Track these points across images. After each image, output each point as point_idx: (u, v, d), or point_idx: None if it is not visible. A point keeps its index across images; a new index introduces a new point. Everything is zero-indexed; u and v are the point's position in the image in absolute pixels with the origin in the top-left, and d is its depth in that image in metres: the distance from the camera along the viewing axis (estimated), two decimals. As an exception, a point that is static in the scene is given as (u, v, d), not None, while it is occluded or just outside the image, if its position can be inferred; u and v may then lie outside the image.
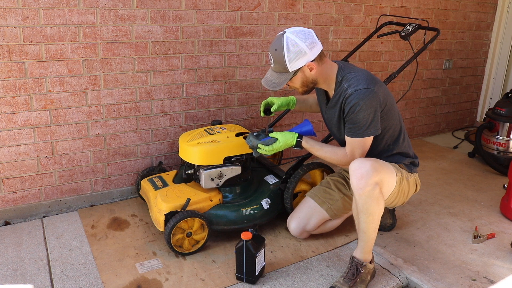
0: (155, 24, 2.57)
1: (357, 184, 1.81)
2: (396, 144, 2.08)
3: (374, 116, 1.89)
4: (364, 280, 1.93)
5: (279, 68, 1.89)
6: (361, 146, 1.94)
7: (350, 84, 1.89)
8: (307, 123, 2.12)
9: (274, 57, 1.88)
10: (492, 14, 4.38)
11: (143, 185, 2.45)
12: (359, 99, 1.85)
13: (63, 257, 2.13)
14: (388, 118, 1.98)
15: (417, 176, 2.19)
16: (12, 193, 2.44)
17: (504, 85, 4.57)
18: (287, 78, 1.88)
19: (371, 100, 1.85)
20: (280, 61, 1.86)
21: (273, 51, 1.88)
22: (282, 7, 3.01)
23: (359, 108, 1.85)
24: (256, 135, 2.05)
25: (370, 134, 1.92)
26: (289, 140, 2.01)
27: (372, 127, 1.90)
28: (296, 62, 1.85)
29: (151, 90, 2.68)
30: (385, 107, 1.94)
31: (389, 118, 1.99)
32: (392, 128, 2.03)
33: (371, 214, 1.85)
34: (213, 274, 2.03)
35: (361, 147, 1.95)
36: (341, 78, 1.94)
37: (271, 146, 2.00)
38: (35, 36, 2.27)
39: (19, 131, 2.37)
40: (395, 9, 3.60)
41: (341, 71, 1.96)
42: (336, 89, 1.97)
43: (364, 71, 1.97)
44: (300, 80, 1.94)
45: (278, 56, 1.86)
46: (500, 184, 3.19)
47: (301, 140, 2.02)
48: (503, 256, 2.27)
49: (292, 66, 1.86)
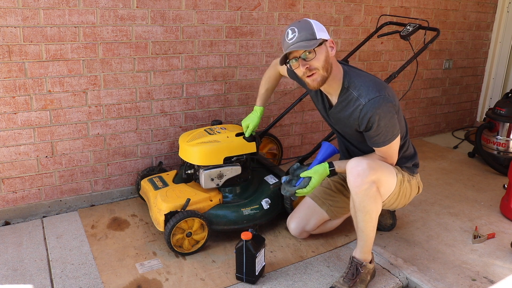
0: (155, 24, 2.57)
1: (353, 182, 1.81)
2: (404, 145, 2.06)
3: (393, 119, 1.85)
4: (364, 280, 1.93)
5: (306, 35, 1.75)
6: (392, 148, 1.92)
7: (360, 93, 1.83)
8: (327, 145, 2.02)
9: (300, 26, 1.77)
10: (492, 14, 4.38)
11: (143, 185, 2.45)
12: (375, 109, 1.79)
13: (63, 257, 2.13)
14: (399, 120, 1.94)
15: (419, 178, 2.18)
16: (12, 193, 2.44)
17: (504, 85, 4.57)
18: (315, 43, 1.75)
19: (387, 106, 1.81)
20: (307, 27, 1.76)
21: (296, 23, 1.79)
22: (282, 7, 3.01)
23: (378, 117, 1.80)
24: (288, 181, 1.95)
25: (395, 136, 1.89)
26: (323, 174, 1.93)
27: (395, 129, 1.87)
28: (321, 32, 1.78)
29: (151, 90, 2.68)
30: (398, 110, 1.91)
31: (400, 120, 1.96)
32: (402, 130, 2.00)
33: (368, 212, 1.85)
34: (213, 274, 2.03)
35: (392, 148, 1.92)
36: (348, 84, 1.87)
37: (309, 187, 1.91)
38: (35, 36, 2.27)
39: (19, 131, 2.37)
40: (395, 9, 3.60)
41: (347, 76, 1.88)
42: (342, 95, 1.90)
43: (368, 75, 1.92)
44: (324, 56, 1.78)
45: (304, 25, 1.77)
46: (500, 184, 3.19)
47: (334, 168, 1.94)
48: (503, 256, 2.27)
49: (319, 34, 1.77)
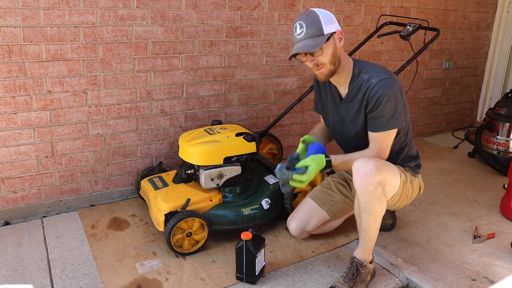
0: (155, 24, 2.57)
1: (360, 182, 1.80)
2: (408, 142, 2.07)
3: (400, 106, 1.87)
4: (364, 280, 1.93)
5: (313, 31, 1.78)
6: (389, 139, 1.92)
7: (371, 75, 1.86)
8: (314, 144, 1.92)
9: (307, 21, 1.79)
10: (492, 14, 4.38)
11: (143, 185, 2.45)
12: (385, 89, 1.82)
13: (63, 257, 2.13)
14: (404, 113, 1.96)
15: (421, 179, 2.18)
16: (12, 193, 2.44)
17: (504, 85, 4.57)
18: (322, 41, 1.78)
19: (396, 89, 1.84)
20: (315, 23, 1.78)
21: (304, 17, 1.81)
22: (282, 7, 3.01)
23: (387, 98, 1.82)
24: (287, 166, 1.79)
25: (396, 125, 1.89)
26: (320, 163, 1.79)
27: (399, 118, 1.88)
28: (329, 25, 1.79)
29: (151, 90, 2.68)
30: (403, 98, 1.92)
31: (405, 114, 1.97)
32: (406, 124, 2.01)
33: (373, 213, 1.85)
34: (213, 274, 2.03)
35: (389, 139, 1.92)
36: (358, 71, 1.91)
37: (306, 175, 1.75)
38: (35, 36, 2.27)
39: (19, 131, 2.37)
40: (395, 9, 3.60)
41: (357, 65, 1.93)
42: (353, 83, 1.93)
43: (378, 64, 1.96)
44: (332, 50, 1.81)
45: (312, 19, 1.79)
46: (500, 184, 3.19)
47: (330, 159, 1.84)
48: (503, 256, 2.27)
49: (327, 29, 1.78)
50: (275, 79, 3.14)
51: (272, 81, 3.13)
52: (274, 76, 3.13)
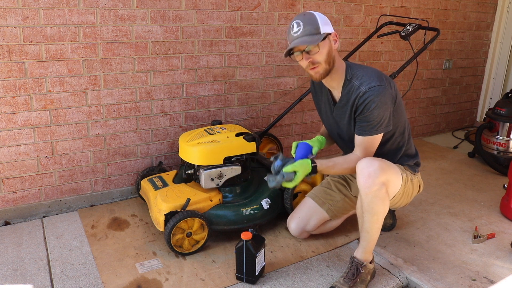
0: (155, 24, 2.57)
1: (364, 183, 1.80)
2: (405, 141, 2.07)
3: (388, 113, 1.88)
4: (364, 280, 1.93)
5: (310, 29, 1.80)
6: (373, 143, 1.93)
7: (362, 82, 1.87)
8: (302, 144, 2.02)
9: (304, 20, 1.81)
10: (492, 14, 4.38)
11: (143, 185, 2.45)
12: (374, 96, 1.83)
13: (63, 257, 2.13)
14: (398, 115, 1.97)
15: (420, 177, 2.19)
16: (12, 193, 2.44)
17: (504, 85, 4.57)
18: (319, 38, 1.80)
19: (385, 97, 1.85)
20: (312, 22, 1.81)
21: (301, 16, 1.83)
22: (282, 7, 3.01)
23: (375, 105, 1.83)
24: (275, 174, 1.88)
25: (381, 131, 1.91)
26: (307, 169, 1.87)
27: (385, 124, 1.90)
28: (326, 26, 1.82)
29: (151, 90, 2.68)
30: (395, 103, 1.93)
31: (400, 115, 1.98)
32: (401, 124, 2.03)
33: (376, 213, 1.85)
34: (213, 274, 2.03)
35: (373, 144, 1.93)
36: (350, 76, 1.92)
37: (294, 182, 1.85)
38: (35, 36, 2.27)
39: (19, 131, 2.37)
40: (395, 9, 3.60)
41: (349, 69, 1.94)
42: (345, 88, 1.94)
43: (371, 68, 1.96)
44: (327, 50, 1.84)
45: (309, 19, 1.82)
46: (500, 184, 3.19)
47: (316, 165, 1.90)
48: (503, 256, 2.27)
49: (323, 29, 1.81)
50: (275, 79, 3.14)
51: (272, 81, 3.13)
52: (274, 76, 3.13)
